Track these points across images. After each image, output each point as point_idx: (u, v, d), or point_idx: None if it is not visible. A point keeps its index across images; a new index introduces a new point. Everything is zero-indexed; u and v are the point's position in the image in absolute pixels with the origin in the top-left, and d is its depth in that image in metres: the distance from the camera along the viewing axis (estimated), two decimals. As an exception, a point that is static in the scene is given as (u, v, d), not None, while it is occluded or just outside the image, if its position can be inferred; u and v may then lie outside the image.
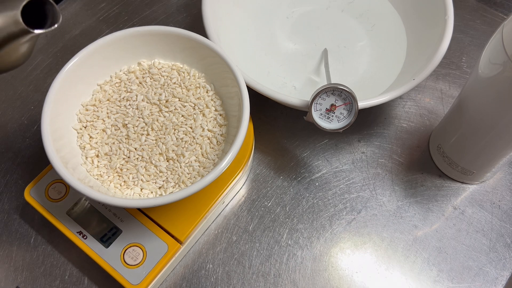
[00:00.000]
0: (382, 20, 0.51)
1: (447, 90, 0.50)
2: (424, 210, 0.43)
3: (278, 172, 0.45)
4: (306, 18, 0.52)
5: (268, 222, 0.43)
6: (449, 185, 0.45)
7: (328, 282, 0.40)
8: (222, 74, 0.40)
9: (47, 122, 0.35)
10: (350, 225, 0.43)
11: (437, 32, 0.44)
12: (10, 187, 0.45)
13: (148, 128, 0.39)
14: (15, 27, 0.29)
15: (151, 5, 0.57)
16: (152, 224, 0.39)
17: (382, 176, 0.45)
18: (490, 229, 0.43)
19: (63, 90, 0.37)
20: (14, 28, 0.29)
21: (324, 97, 0.38)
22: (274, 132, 0.48)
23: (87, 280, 0.40)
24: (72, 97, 0.39)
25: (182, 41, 0.40)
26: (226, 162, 0.34)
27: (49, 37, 0.54)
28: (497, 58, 0.32)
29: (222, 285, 0.40)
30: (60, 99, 0.37)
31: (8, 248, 0.42)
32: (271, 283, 0.40)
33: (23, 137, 0.48)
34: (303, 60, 0.49)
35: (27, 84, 0.51)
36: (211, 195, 0.39)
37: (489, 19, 0.55)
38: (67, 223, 0.38)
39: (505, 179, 0.45)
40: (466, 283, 0.40)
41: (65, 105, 0.38)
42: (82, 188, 0.33)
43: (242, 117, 0.36)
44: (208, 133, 0.39)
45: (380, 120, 0.48)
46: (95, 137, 0.39)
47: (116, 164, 0.38)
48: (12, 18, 0.29)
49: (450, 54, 0.52)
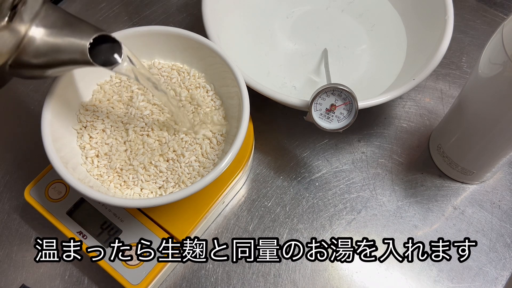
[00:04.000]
0: (382, 20, 0.51)
1: (447, 90, 0.50)
2: (424, 210, 0.43)
3: (278, 172, 0.45)
4: (306, 18, 0.52)
5: (268, 222, 0.43)
6: (449, 185, 0.45)
7: (328, 282, 0.40)
8: (222, 74, 0.40)
9: (47, 122, 0.35)
10: (350, 225, 0.43)
11: (437, 32, 0.44)
12: (10, 187, 0.45)
13: (148, 128, 0.39)
14: (79, 56, 0.30)
15: (151, 5, 0.57)
16: (152, 224, 0.39)
17: (382, 176, 0.45)
18: (490, 229, 0.43)
19: (63, 90, 0.37)
20: (77, 56, 0.30)
21: (324, 97, 0.38)
22: (274, 132, 0.48)
23: (87, 280, 0.40)
24: (72, 97, 0.39)
25: (182, 41, 0.40)
26: (226, 162, 0.34)
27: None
28: (497, 58, 0.32)
29: (222, 285, 0.40)
30: (60, 99, 0.37)
31: (8, 248, 0.42)
32: (271, 283, 0.40)
33: (23, 137, 0.48)
34: (303, 60, 0.49)
35: (27, 84, 0.51)
36: (211, 195, 0.39)
37: (489, 19, 0.55)
38: (67, 223, 0.38)
39: (505, 179, 0.45)
40: (466, 283, 0.40)
41: (65, 105, 0.38)
42: (82, 188, 0.33)
43: (242, 117, 0.36)
44: (208, 133, 0.39)
45: (380, 120, 0.48)
46: (95, 137, 0.39)
47: (116, 164, 0.38)
48: (80, 48, 0.29)
49: (450, 54, 0.52)
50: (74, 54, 0.30)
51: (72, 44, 0.29)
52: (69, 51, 0.30)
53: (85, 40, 0.29)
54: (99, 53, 0.30)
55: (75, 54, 0.30)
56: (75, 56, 0.30)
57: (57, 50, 0.30)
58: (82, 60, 0.30)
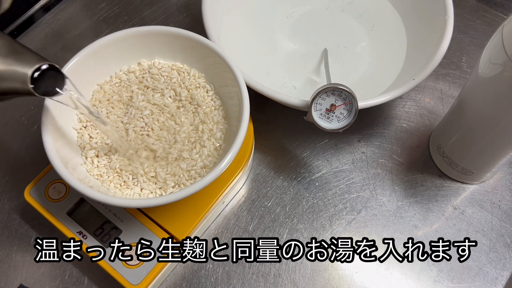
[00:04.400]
0: (382, 20, 0.51)
1: (447, 90, 0.50)
2: (424, 210, 0.43)
3: (278, 172, 0.45)
4: (306, 18, 0.52)
5: (268, 222, 0.43)
6: (449, 185, 0.45)
7: (328, 282, 0.40)
8: (222, 74, 0.40)
9: (47, 122, 0.35)
10: (350, 225, 0.43)
11: (437, 32, 0.44)
12: (10, 187, 0.45)
13: (148, 128, 0.39)
14: (20, 86, 0.29)
15: (151, 5, 0.57)
16: (152, 224, 0.39)
17: (382, 176, 0.45)
18: (490, 229, 0.43)
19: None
20: (19, 85, 0.29)
21: (324, 97, 0.38)
22: (274, 132, 0.48)
23: (87, 280, 0.40)
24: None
25: (182, 41, 0.40)
26: (226, 162, 0.34)
27: (49, 37, 0.54)
28: (497, 58, 0.32)
29: (222, 285, 0.40)
30: (60, 99, 0.37)
31: (8, 248, 0.42)
32: (271, 283, 0.40)
33: (23, 137, 0.48)
34: (303, 60, 0.49)
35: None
36: (211, 195, 0.39)
37: (489, 19, 0.55)
38: (67, 223, 0.38)
39: (505, 179, 0.45)
40: (466, 283, 0.40)
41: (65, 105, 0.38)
42: (82, 188, 0.33)
43: (242, 117, 0.36)
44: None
45: (380, 120, 0.48)
46: (95, 137, 0.39)
47: (116, 164, 0.38)
48: (21, 77, 0.29)
49: (450, 54, 0.52)
50: (15, 83, 0.29)
51: (14, 72, 0.29)
52: (10, 79, 0.29)
53: (27, 69, 0.28)
54: (41, 82, 0.29)
55: (16, 83, 0.29)
56: (15, 85, 0.29)
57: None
58: (22, 90, 0.29)
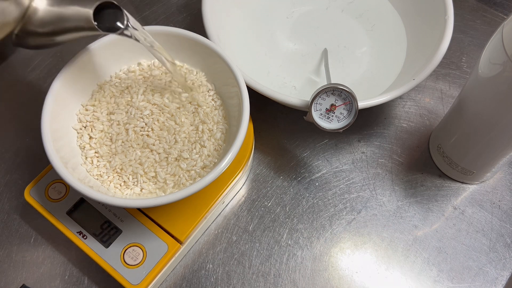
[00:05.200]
0: (382, 20, 0.51)
1: (447, 90, 0.50)
2: (424, 210, 0.43)
3: (278, 172, 0.45)
4: (306, 18, 0.52)
5: (268, 222, 0.43)
6: (449, 185, 0.45)
7: (328, 282, 0.40)
8: (222, 74, 0.40)
9: (47, 122, 0.35)
10: (350, 225, 0.43)
11: (437, 32, 0.44)
12: (10, 187, 0.45)
13: (148, 128, 0.39)
14: (84, 23, 0.31)
15: (151, 5, 0.57)
16: (152, 224, 0.39)
17: (382, 176, 0.45)
18: (490, 229, 0.43)
19: (63, 90, 0.37)
20: (83, 24, 0.31)
21: (324, 97, 0.38)
22: (274, 132, 0.48)
23: (87, 280, 0.40)
24: (72, 97, 0.39)
25: (182, 41, 0.40)
26: (226, 162, 0.34)
27: (49, 37, 0.54)
28: (497, 58, 0.32)
29: (222, 285, 0.40)
30: (60, 99, 0.37)
31: (8, 248, 0.42)
32: (271, 283, 0.40)
33: (23, 137, 0.48)
34: (303, 60, 0.49)
35: (27, 84, 0.51)
36: (211, 195, 0.39)
37: (489, 19, 0.55)
38: (67, 223, 0.38)
39: (505, 179, 0.45)
40: (466, 283, 0.40)
41: (65, 105, 0.38)
42: (82, 188, 0.33)
43: (242, 117, 0.36)
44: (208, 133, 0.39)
45: (380, 120, 0.48)
46: (95, 137, 0.39)
47: (116, 164, 0.38)
48: (84, 15, 0.31)
49: (450, 54, 0.52)
50: (79, 21, 0.31)
51: (76, 12, 0.31)
52: (73, 19, 0.31)
53: (88, 8, 0.31)
54: (102, 19, 0.32)
55: (81, 22, 0.31)
56: (80, 23, 0.31)
57: (61, 18, 0.31)
58: (87, 27, 0.31)
